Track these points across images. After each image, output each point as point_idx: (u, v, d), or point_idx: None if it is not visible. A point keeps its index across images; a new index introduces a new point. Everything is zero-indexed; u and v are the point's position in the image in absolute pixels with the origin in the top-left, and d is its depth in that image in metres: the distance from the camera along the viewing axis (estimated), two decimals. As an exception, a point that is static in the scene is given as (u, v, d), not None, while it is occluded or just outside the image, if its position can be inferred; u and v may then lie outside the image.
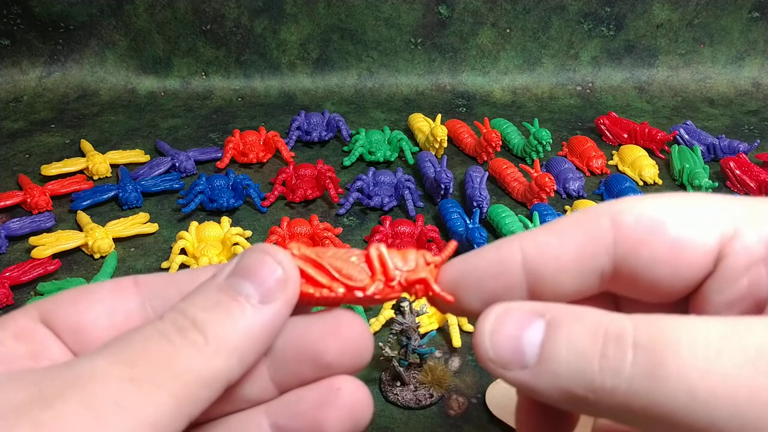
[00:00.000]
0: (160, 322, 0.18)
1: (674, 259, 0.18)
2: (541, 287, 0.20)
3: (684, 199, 0.19)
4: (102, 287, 0.21)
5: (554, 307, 0.18)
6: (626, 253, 0.19)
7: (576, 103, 1.03)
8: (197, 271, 0.21)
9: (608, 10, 1.03)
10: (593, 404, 0.16)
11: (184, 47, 1.02)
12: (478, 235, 0.61)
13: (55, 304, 0.20)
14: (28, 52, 1.00)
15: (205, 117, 0.96)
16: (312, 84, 1.05)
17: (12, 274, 0.60)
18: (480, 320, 0.19)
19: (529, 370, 0.18)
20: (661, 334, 0.16)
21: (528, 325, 0.18)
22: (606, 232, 0.19)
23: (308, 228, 0.66)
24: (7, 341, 0.19)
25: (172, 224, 0.71)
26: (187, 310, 0.18)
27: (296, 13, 1.01)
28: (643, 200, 0.19)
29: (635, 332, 0.16)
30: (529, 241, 0.20)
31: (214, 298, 0.18)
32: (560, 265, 0.19)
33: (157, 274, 0.21)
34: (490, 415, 0.48)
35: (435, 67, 1.06)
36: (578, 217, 0.20)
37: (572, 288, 0.20)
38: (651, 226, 0.18)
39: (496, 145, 0.80)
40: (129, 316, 0.20)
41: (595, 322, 0.17)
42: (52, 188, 0.74)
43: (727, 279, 0.18)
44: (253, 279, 0.19)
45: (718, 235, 0.18)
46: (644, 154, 0.83)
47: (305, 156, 0.86)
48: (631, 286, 0.19)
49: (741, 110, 1.02)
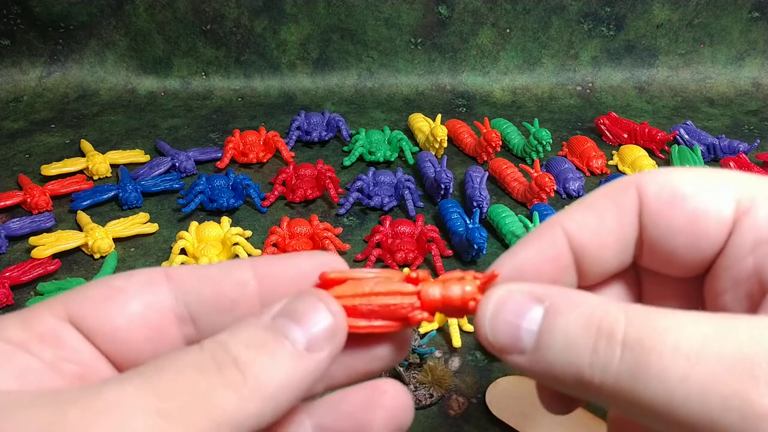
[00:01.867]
0: (199, 352, 0.17)
1: (691, 229, 0.19)
2: (587, 265, 0.20)
3: (708, 173, 0.19)
4: (132, 282, 0.20)
5: (554, 292, 0.18)
6: (648, 223, 0.19)
7: (576, 103, 1.03)
8: (230, 266, 0.20)
9: (608, 10, 1.03)
10: (583, 392, 0.17)
11: (184, 47, 1.02)
12: (478, 235, 0.61)
13: (84, 301, 0.19)
14: (28, 52, 1.00)
15: (205, 117, 0.96)
16: (312, 84, 1.05)
17: (12, 274, 0.60)
18: (482, 303, 0.19)
19: (526, 356, 0.18)
20: (650, 333, 0.16)
21: (527, 310, 0.18)
22: (634, 203, 0.19)
23: (308, 228, 0.66)
24: (32, 345, 0.18)
25: (172, 224, 0.71)
26: (230, 345, 0.17)
27: (296, 13, 1.01)
28: (667, 171, 0.20)
29: (626, 329, 0.16)
30: (568, 221, 0.20)
31: (261, 337, 0.17)
32: (602, 240, 0.20)
33: (188, 267, 0.20)
34: (490, 415, 0.48)
35: (435, 67, 1.06)
36: (608, 190, 0.20)
37: (614, 261, 0.20)
38: (671, 196, 0.19)
39: (496, 145, 0.80)
40: (163, 315, 0.19)
41: (591, 313, 0.17)
42: (52, 188, 0.74)
43: (734, 256, 0.18)
44: (302, 324, 0.18)
45: (733, 209, 0.18)
46: (644, 154, 0.83)
47: (305, 156, 0.86)
48: (653, 258, 0.20)
49: (741, 110, 1.02)
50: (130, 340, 0.19)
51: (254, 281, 0.20)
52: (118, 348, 0.19)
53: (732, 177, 0.19)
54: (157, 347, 0.20)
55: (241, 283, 0.20)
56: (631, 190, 0.20)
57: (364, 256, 0.65)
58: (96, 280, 0.20)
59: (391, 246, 0.64)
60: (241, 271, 0.20)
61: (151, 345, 0.19)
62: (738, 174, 0.19)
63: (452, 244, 0.67)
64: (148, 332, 0.19)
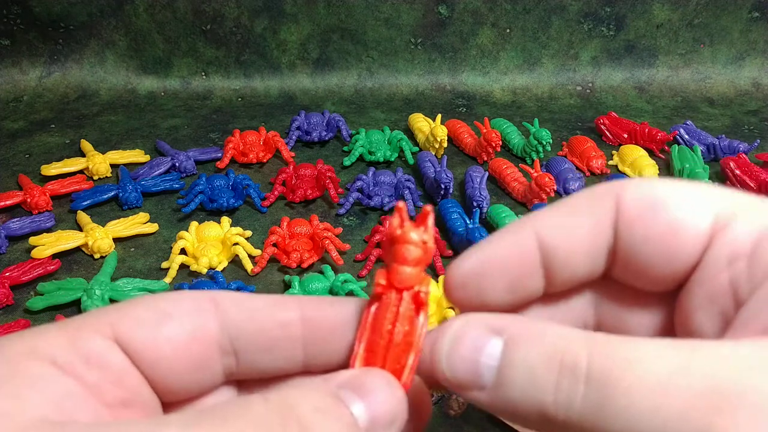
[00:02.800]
0: (264, 406, 0.16)
1: (667, 240, 0.18)
2: (555, 269, 0.20)
3: (688, 185, 0.19)
4: (181, 306, 0.19)
5: (513, 323, 0.18)
6: (624, 232, 0.19)
7: (576, 103, 1.03)
8: (277, 303, 0.20)
9: (608, 10, 1.03)
10: (548, 428, 0.17)
11: (184, 47, 1.02)
12: (478, 235, 0.61)
13: (132, 324, 0.18)
14: (28, 52, 1.00)
15: (205, 117, 0.96)
16: (312, 84, 1.05)
17: (12, 274, 0.60)
18: (438, 338, 0.18)
19: (486, 392, 0.17)
20: (614, 366, 0.15)
21: (485, 344, 0.17)
22: (610, 211, 0.19)
23: (308, 228, 0.66)
24: (77, 366, 0.17)
25: (172, 224, 0.71)
26: (298, 404, 0.17)
27: (296, 13, 1.01)
28: (647, 181, 0.19)
29: (589, 362, 0.16)
30: (541, 222, 0.20)
31: (326, 402, 0.17)
32: (573, 245, 0.19)
33: (235, 297, 0.20)
34: (490, 415, 0.48)
35: (435, 67, 1.06)
36: (586, 195, 0.20)
37: (584, 269, 0.20)
38: (649, 205, 0.18)
39: (496, 145, 0.80)
40: (207, 344, 0.19)
41: (552, 345, 0.16)
42: (52, 188, 0.74)
43: (709, 271, 0.18)
44: (366, 401, 0.17)
45: (711, 223, 0.18)
46: (644, 154, 0.83)
47: (305, 156, 0.86)
48: (626, 269, 0.19)
49: (741, 110, 1.02)
50: (175, 368, 0.19)
51: (299, 323, 0.20)
52: (163, 374, 0.19)
53: (713, 191, 0.18)
54: (200, 377, 0.19)
55: (286, 324, 0.20)
56: (609, 197, 0.19)
57: (364, 256, 0.65)
58: (142, 299, 0.19)
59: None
60: (287, 311, 0.20)
61: (194, 374, 0.19)
62: (719, 189, 0.19)
63: (452, 244, 0.67)
64: (193, 361, 0.19)
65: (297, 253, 0.63)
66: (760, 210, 0.18)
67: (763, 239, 0.17)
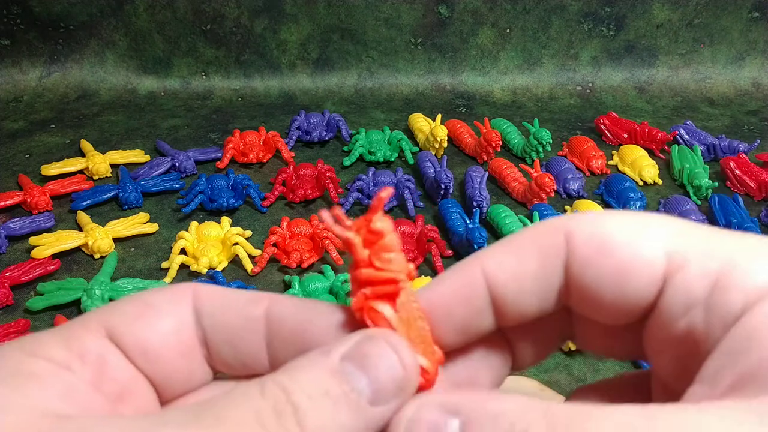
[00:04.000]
0: (260, 397, 0.16)
1: (619, 282, 0.17)
2: (506, 308, 0.19)
3: (640, 219, 0.18)
4: (163, 298, 0.19)
5: (468, 402, 0.17)
6: (576, 271, 0.18)
7: (576, 103, 1.03)
8: (247, 298, 0.20)
9: (608, 10, 1.03)
10: None
11: (184, 47, 1.02)
12: (478, 235, 0.61)
13: (120, 318, 0.19)
14: (28, 52, 1.00)
15: (205, 117, 0.96)
16: (312, 84, 1.05)
17: (12, 274, 0.60)
18: (393, 422, 0.18)
19: None
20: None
21: (442, 427, 0.17)
22: (560, 250, 0.18)
23: (308, 228, 0.66)
24: (73, 364, 0.17)
25: (172, 224, 0.71)
26: (292, 390, 0.16)
27: (296, 13, 1.01)
28: (597, 217, 0.18)
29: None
30: (489, 261, 0.19)
31: (325, 384, 0.17)
32: (520, 285, 0.19)
33: (212, 291, 0.20)
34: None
35: (435, 67, 1.06)
36: (534, 233, 0.19)
37: (534, 307, 0.19)
38: (599, 245, 0.18)
39: (496, 145, 0.80)
40: (190, 335, 0.19)
41: (510, 426, 0.16)
42: (52, 188, 0.74)
43: (666, 317, 0.17)
44: (369, 373, 0.17)
45: (664, 263, 0.17)
46: (644, 154, 0.83)
47: (305, 156, 0.86)
48: (581, 305, 0.19)
49: (741, 110, 1.02)
50: (165, 357, 0.19)
51: (263, 319, 0.20)
52: (154, 365, 0.19)
53: (665, 227, 0.18)
54: (191, 364, 0.20)
55: (250, 320, 0.20)
56: (558, 235, 0.18)
57: (364, 256, 0.65)
58: (129, 296, 0.20)
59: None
60: (255, 307, 0.20)
61: (184, 361, 0.19)
62: (671, 221, 0.18)
63: (452, 244, 0.67)
64: (182, 349, 0.19)
65: (297, 253, 0.63)
66: (712, 248, 0.17)
67: (718, 285, 0.16)
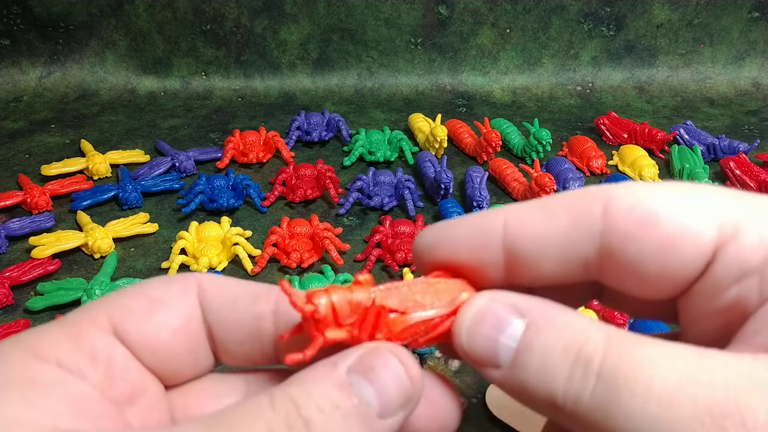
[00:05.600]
0: (270, 411, 0.16)
1: (663, 256, 0.17)
2: (519, 268, 0.19)
3: (685, 191, 0.17)
4: (171, 291, 0.19)
5: (537, 306, 0.17)
6: (613, 245, 0.17)
7: (576, 103, 1.03)
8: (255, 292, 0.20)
9: (608, 10, 1.03)
10: (553, 415, 0.17)
11: (184, 47, 1.02)
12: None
13: (127, 315, 0.18)
14: (28, 52, 1.00)
15: (205, 117, 0.96)
16: (312, 84, 1.05)
17: (12, 274, 0.60)
18: (461, 311, 0.18)
19: (501, 371, 0.17)
20: (625, 367, 0.15)
21: (507, 325, 0.17)
22: (596, 220, 0.18)
23: (308, 228, 0.66)
24: (84, 366, 0.17)
25: (172, 224, 0.71)
26: (302, 404, 0.16)
27: (296, 13, 1.01)
28: (639, 188, 0.18)
29: (603, 358, 0.16)
30: (514, 215, 0.19)
31: (334, 398, 0.16)
32: (542, 247, 0.18)
33: (219, 282, 0.20)
34: (490, 415, 0.48)
35: (435, 67, 1.06)
36: (570, 198, 0.18)
37: (552, 274, 0.19)
38: (642, 219, 0.17)
39: (496, 145, 0.80)
40: (197, 329, 0.19)
41: (572, 337, 0.16)
42: (52, 188, 0.74)
43: (714, 286, 0.17)
44: (376, 385, 0.17)
45: (715, 235, 0.17)
46: (644, 154, 0.83)
47: (305, 156, 0.86)
48: (617, 279, 0.18)
49: (741, 110, 1.02)
50: (173, 354, 0.19)
51: (271, 316, 0.19)
52: (163, 361, 0.19)
53: (713, 196, 0.17)
54: (197, 358, 0.19)
55: (260, 317, 0.19)
56: (595, 205, 0.18)
57: (364, 256, 0.65)
58: (132, 288, 0.19)
59: (391, 246, 0.64)
60: (263, 303, 0.19)
61: (191, 356, 0.19)
62: (720, 192, 0.17)
63: (452, 244, 0.67)
64: (188, 344, 0.19)
65: (297, 253, 0.63)
66: (766, 217, 0.17)
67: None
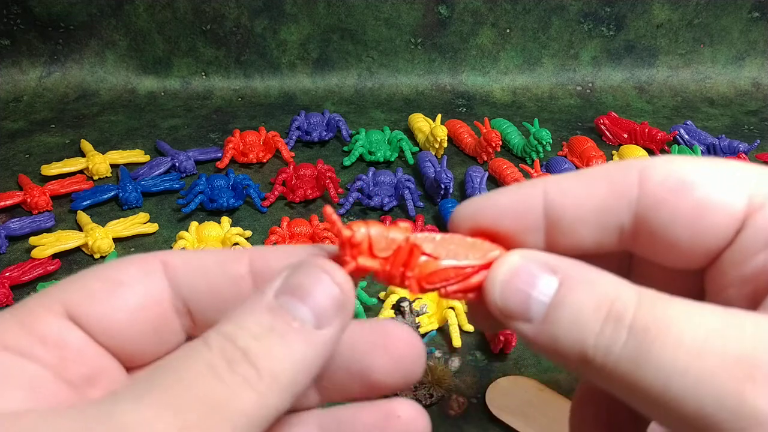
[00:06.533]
0: (207, 351, 0.16)
1: (695, 222, 0.18)
2: (559, 235, 0.19)
3: (718, 163, 0.18)
4: (130, 272, 0.19)
5: (569, 265, 0.18)
6: (648, 211, 0.18)
7: (576, 103, 1.03)
8: (226, 259, 0.19)
9: (608, 10, 1.03)
10: (583, 370, 0.17)
11: (184, 47, 1.02)
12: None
13: (83, 297, 0.18)
14: (28, 52, 1.00)
15: (205, 117, 0.96)
16: (312, 84, 1.05)
17: (12, 274, 0.60)
18: (495, 265, 0.19)
19: (532, 325, 0.18)
20: (656, 321, 0.16)
21: (540, 280, 0.18)
22: (632, 187, 0.18)
23: (308, 228, 0.67)
24: (34, 349, 0.17)
25: (172, 224, 0.71)
26: (236, 336, 0.16)
27: (296, 13, 1.01)
28: (674, 159, 0.19)
29: (635, 314, 0.16)
30: (553, 184, 0.19)
31: (267, 322, 0.16)
32: (581, 214, 0.19)
33: (184, 255, 0.19)
34: (490, 415, 0.48)
35: (435, 67, 1.06)
36: (608, 168, 0.19)
37: (590, 240, 0.19)
38: (677, 185, 0.18)
39: (496, 145, 0.80)
40: (163, 306, 0.19)
41: (604, 293, 0.17)
42: (52, 188, 0.74)
43: (743, 252, 0.18)
44: (307, 300, 0.17)
45: (745, 204, 0.17)
46: (644, 154, 0.83)
47: (305, 156, 0.86)
48: (649, 248, 0.19)
49: (741, 110, 1.02)
50: (134, 334, 0.18)
51: (248, 276, 0.19)
52: (123, 343, 0.18)
53: (744, 169, 0.18)
54: (161, 338, 0.19)
55: (235, 279, 0.19)
56: (631, 173, 0.19)
57: (364, 256, 0.65)
58: (91, 271, 0.19)
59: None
60: (236, 266, 0.19)
61: (155, 336, 0.19)
62: (750, 167, 0.18)
63: (452, 244, 0.67)
64: (151, 324, 0.19)
65: (297, 253, 0.63)
66: None
67: None
